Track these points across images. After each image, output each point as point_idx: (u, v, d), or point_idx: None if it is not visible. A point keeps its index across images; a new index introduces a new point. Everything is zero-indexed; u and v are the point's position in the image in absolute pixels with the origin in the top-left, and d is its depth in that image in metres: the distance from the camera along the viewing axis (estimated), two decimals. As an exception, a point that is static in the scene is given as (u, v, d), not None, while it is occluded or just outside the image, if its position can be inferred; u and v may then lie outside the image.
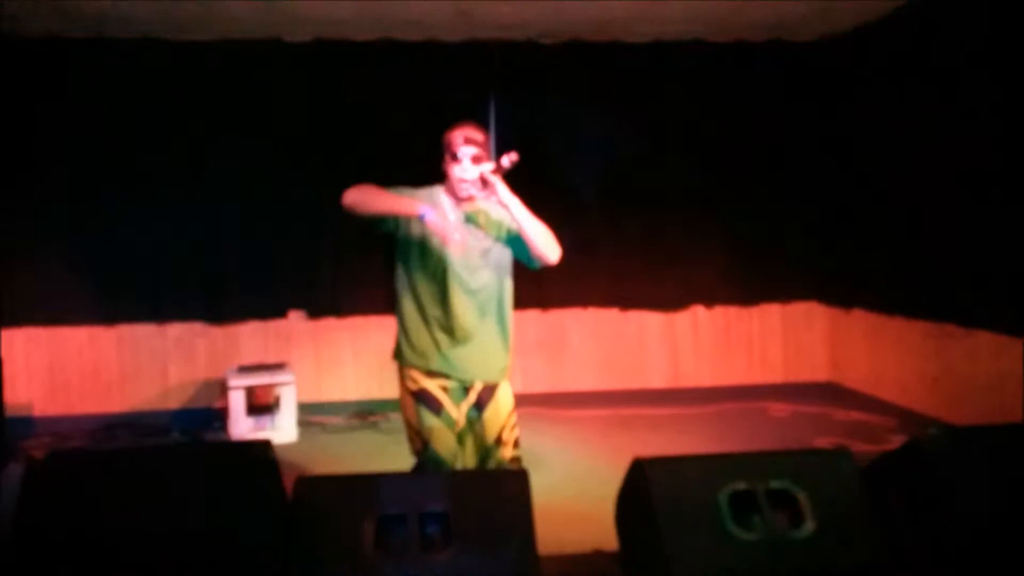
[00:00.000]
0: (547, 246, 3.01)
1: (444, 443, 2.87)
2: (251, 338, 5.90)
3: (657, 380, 6.27)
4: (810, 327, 6.40)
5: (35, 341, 5.64)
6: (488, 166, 2.87)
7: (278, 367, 5.57)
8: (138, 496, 2.00)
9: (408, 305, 2.97)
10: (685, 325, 6.31)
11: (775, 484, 2.30)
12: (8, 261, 5.50)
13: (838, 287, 6.15)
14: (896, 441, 4.57)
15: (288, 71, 5.75)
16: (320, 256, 5.91)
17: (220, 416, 5.49)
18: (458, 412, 2.93)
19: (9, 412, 4.94)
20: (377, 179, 2.95)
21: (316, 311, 5.96)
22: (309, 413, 5.62)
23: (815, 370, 6.37)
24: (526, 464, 2.86)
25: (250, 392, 5.33)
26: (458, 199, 2.93)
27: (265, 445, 2.16)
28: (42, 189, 5.57)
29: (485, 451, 2.94)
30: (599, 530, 2.89)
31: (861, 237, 5.81)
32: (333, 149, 5.78)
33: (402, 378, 3.00)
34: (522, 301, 6.07)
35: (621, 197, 6.12)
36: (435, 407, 2.90)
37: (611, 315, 6.25)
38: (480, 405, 2.96)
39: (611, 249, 6.14)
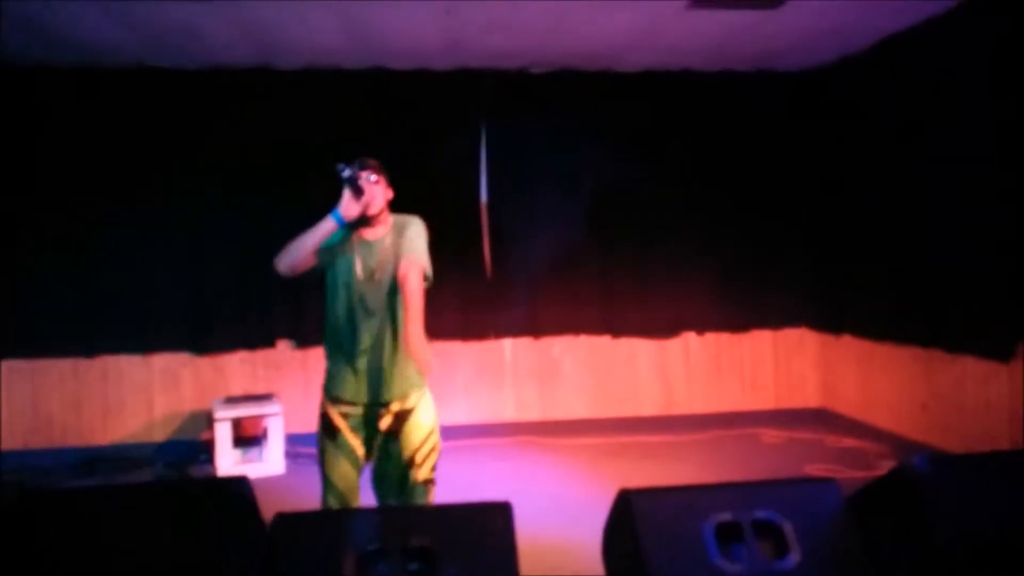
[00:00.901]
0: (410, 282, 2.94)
1: (336, 469, 3.00)
2: (239, 368, 5.86)
3: (649, 407, 6.24)
4: (801, 353, 6.40)
5: (17, 373, 5.58)
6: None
7: (266, 398, 5.52)
8: (112, 536, 1.96)
9: (329, 332, 3.10)
10: (677, 352, 6.30)
11: (760, 515, 2.27)
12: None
13: (828, 313, 6.15)
14: (887, 468, 4.54)
15: (278, 99, 5.77)
16: (308, 285, 5.87)
17: (206, 448, 5.43)
18: (357, 439, 3.02)
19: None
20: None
21: (304, 340, 5.91)
22: (298, 444, 5.56)
23: (807, 396, 6.36)
24: (514, 494, 2.82)
25: (237, 424, 5.28)
26: (368, 223, 3.05)
27: (243, 482, 2.13)
28: (25, 220, 5.53)
29: (402, 473, 3.01)
30: (586, 561, 2.85)
31: (850, 263, 5.82)
32: (322, 178, 5.76)
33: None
34: (514, 329, 6.15)
35: (611, 225, 6.14)
36: (331, 432, 3.02)
37: (603, 342, 6.24)
38: (394, 429, 3.02)
39: (602, 276, 6.15)
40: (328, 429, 3.03)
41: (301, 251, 2.99)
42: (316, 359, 5.92)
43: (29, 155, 5.55)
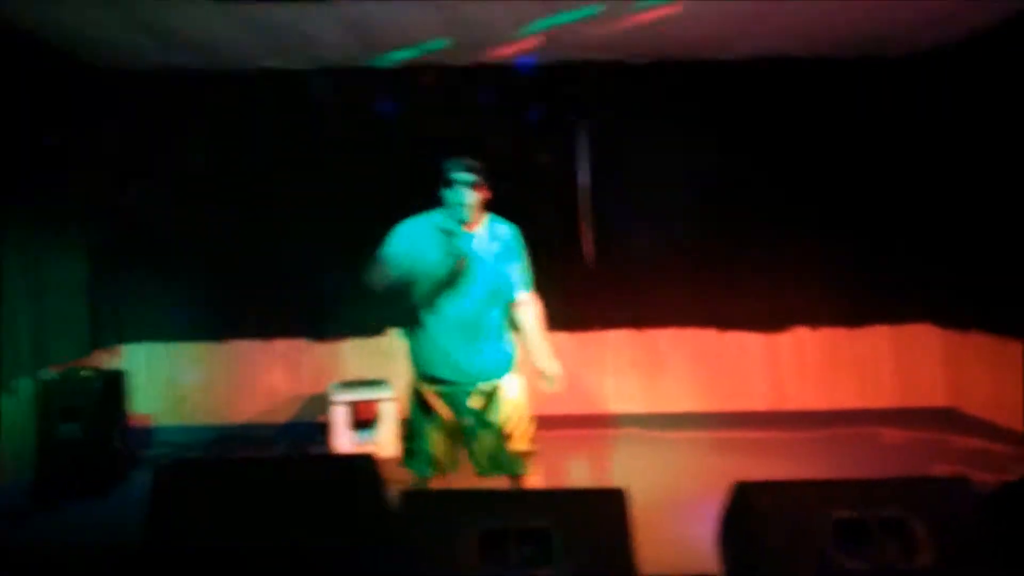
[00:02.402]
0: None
1: (431, 440, 3.18)
2: (352, 354, 6.09)
3: (758, 403, 6.10)
4: (924, 350, 6.10)
5: (155, 356, 6.00)
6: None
7: (379, 383, 5.71)
8: (253, 505, 2.10)
9: (415, 315, 3.26)
10: (788, 346, 6.13)
11: (887, 512, 2.20)
12: (131, 283, 5.89)
13: (953, 308, 5.84)
14: (1021, 470, 4.29)
15: (382, 95, 5.92)
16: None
17: (323, 430, 5.67)
18: (450, 415, 3.19)
19: (132, 423, 5.26)
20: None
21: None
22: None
23: (931, 395, 6.06)
24: (622, 484, 2.83)
25: (352, 407, 5.49)
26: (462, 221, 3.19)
27: (370, 458, 2.23)
28: (162, 219, 5.91)
29: (496, 448, 3.16)
30: (700, 553, 2.84)
31: (977, 256, 5.51)
32: (429, 172, 5.90)
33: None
34: (616, 321, 6.12)
35: (717, 216, 6.03)
36: (425, 409, 3.20)
37: (708, 336, 6.13)
38: (484, 407, 3.17)
39: (707, 268, 6.05)
40: (422, 405, 3.22)
41: (379, 281, 3.27)
42: (425, 348, 6.10)
43: (155, 153, 5.91)
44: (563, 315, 6.07)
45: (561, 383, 3.16)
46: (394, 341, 6.14)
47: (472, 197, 3.15)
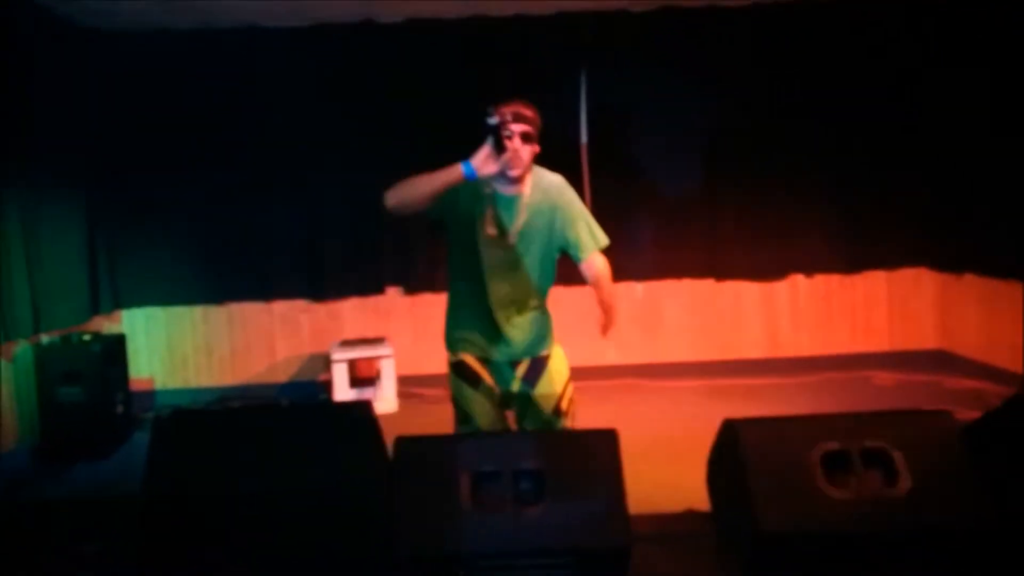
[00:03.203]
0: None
1: (483, 414, 2.82)
2: (352, 314, 6.14)
3: (754, 351, 6.16)
4: (918, 293, 6.15)
5: (154, 320, 6.05)
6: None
7: (378, 341, 5.77)
8: (251, 453, 2.16)
9: (454, 285, 2.94)
10: (783, 294, 6.18)
11: (869, 443, 2.26)
12: (129, 247, 5.91)
13: (948, 251, 5.87)
14: (1010, 408, 4.37)
15: (382, 52, 5.89)
16: (416, 234, 6.06)
17: (325, 388, 5.75)
18: (495, 384, 2.88)
19: (132, 386, 5.33)
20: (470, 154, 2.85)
21: (413, 287, 6.13)
22: (408, 385, 5.81)
23: (923, 338, 6.12)
24: (618, 430, 2.87)
25: (352, 365, 5.56)
26: (506, 180, 2.74)
27: (366, 405, 2.28)
28: (159, 181, 5.90)
29: (544, 424, 2.85)
30: (691, 493, 2.91)
31: (972, 199, 5.52)
32: (427, 127, 5.90)
33: (447, 350, 2.97)
34: (616, 273, 6.10)
35: (715, 165, 6.03)
36: (472, 378, 2.85)
37: (706, 286, 6.17)
38: (530, 380, 2.88)
39: (705, 219, 6.07)
40: (467, 375, 2.86)
41: (415, 193, 2.66)
42: (424, 305, 6.14)
43: (155, 115, 5.88)
44: (561, 267, 6.12)
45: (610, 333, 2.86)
46: (394, 299, 6.22)
47: (524, 151, 2.69)
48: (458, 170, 2.61)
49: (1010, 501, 2.20)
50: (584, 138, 5.98)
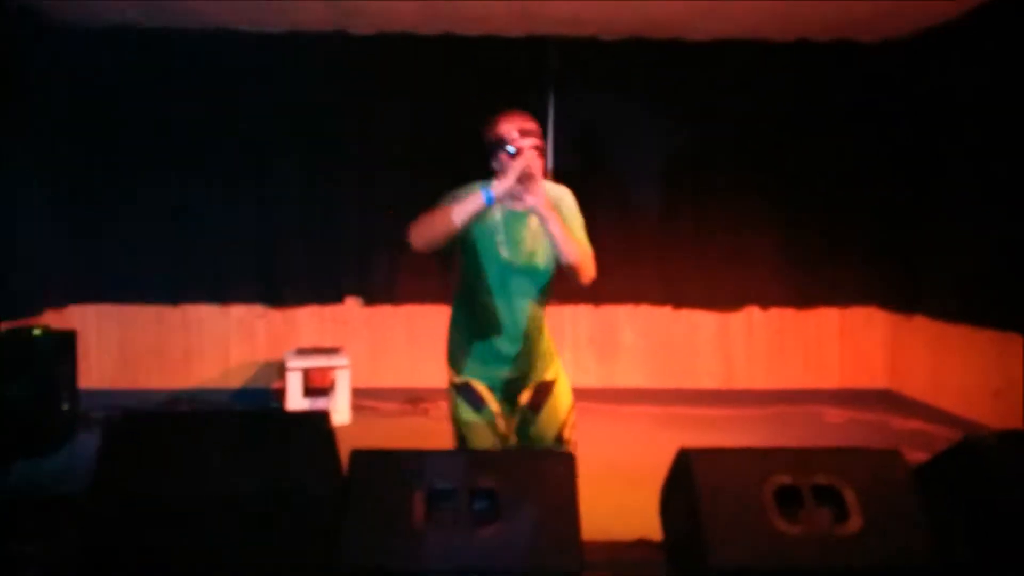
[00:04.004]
0: (583, 264, 2.80)
1: (484, 440, 2.78)
2: (309, 322, 6.08)
3: (709, 381, 6.24)
4: (869, 333, 6.29)
5: (107, 317, 5.91)
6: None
7: (334, 351, 5.71)
8: (203, 458, 2.11)
9: (464, 305, 2.88)
10: (739, 326, 6.27)
11: (821, 480, 2.29)
12: (83, 241, 5.78)
13: (900, 292, 6.02)
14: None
15: (351, 63, 5.88)
16: (377, 245, 6.03)
17: (277, 397, 5.66)
18: (500, 410, 2.83)
19: (81, 384, 5.18)
20: (434, 172, 2.87)
21: (372, 298, 6.09)
22: (363, 398, 5.75)
23: (873, 377, 6.26)
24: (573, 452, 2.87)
25: (307, 374, 5.49)
26: (513, 198, 2.69)
27: (324, 416, 2.25)
28: (115, 175, 5.81)
29: (551, 445, 2.83)
30: (644, 522, 2.91)
31: (924, 242, 5.68)
32: (392, 142, 5.90)
33: (449, 371, 2.93)
34: (575, 296, 6.19)
35: (677, 195, 6.12)
36: (476, 402, 2.81)
37: (663, 313, 6.24)
38: (535, 406, 2.84)
39: (665, 247, 6.15)
40: (472, 399, 2.81)
41: (442, 232, 2.61)
42: (382, 317, 6.11)
43: (116, 113, 5.79)
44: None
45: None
46: (353, 310, 6.17)
47: (535, 164, 2.62)
48: (480, 199, 2.58)
49: (956, 544, 2.25)
50: (550, 165, 6.03)
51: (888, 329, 6.24)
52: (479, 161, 3.22)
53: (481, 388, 2.83)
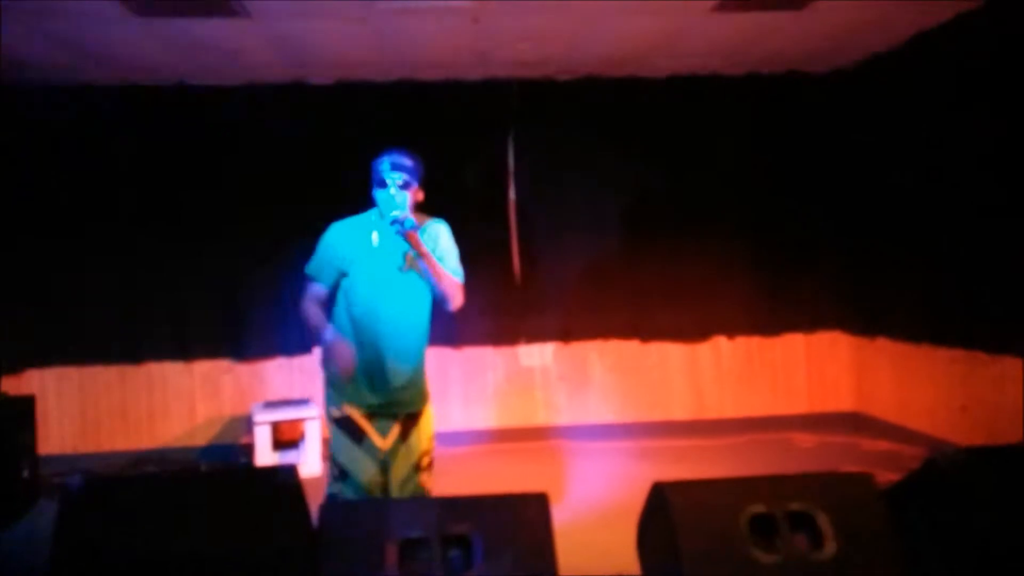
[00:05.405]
0: (452, 294, 3.04)
1: (362, 468, 2.91)
2: (277, 374, 5.99)
3: (680, 412, 6.25)
4: (834, 356, 6.37)
5: (66, 380, 5.77)
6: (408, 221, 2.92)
7: (303, 402, 5.63)
8: (168, 520, 2.05)
9: (341, 334, 3.00)
10: (707, 356, 6.31)
11: (795, 506, 2.30)
12: (39, 302, 5.66)
13: (862, 316, 6.12)
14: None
15: (312, 113, 5.89)
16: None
17: (246, 452, 5.55)
18: (383, 441, 2.97)
19: (41, 450, 5.04)
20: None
21: (340, 347, 6.02)
22: (334, 448, 5.65)
23: (840, 400, 6.32)
24: (548, 493, 2.86)
25: (275, 427, 5.39)
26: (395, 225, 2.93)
27: (291, 471, 2.21)
28: (73, 234, 5.72)
29: (405, 478, 2.98)
30: (622, 558, 2.89)
31: (884, 265, 5.79)
32: (356, 188, 5.87)
33: (326, 407, 3.06)
34: (544, 334, 6.20)
35: (640, 230, 6.18)
36: (356, 435, 2.95)
37: (632, 347, 6.26)
38: (405, 434, 3.00)
39: (631, 281, 6.19)
40: (352, 431, 2.94)
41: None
42: (352, 365, 6.04)
43: (75, 170, 5.73)
44: (490, 330, 6.14)
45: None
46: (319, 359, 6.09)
47: (404, 198, 2.92)
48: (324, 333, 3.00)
49: (930, 563, 2.26)
50: (512, 204, 6.09)
51: (853, 352, 6.33)
52: (444, 203, 3.28)
53: (360, 419, 2.98)
